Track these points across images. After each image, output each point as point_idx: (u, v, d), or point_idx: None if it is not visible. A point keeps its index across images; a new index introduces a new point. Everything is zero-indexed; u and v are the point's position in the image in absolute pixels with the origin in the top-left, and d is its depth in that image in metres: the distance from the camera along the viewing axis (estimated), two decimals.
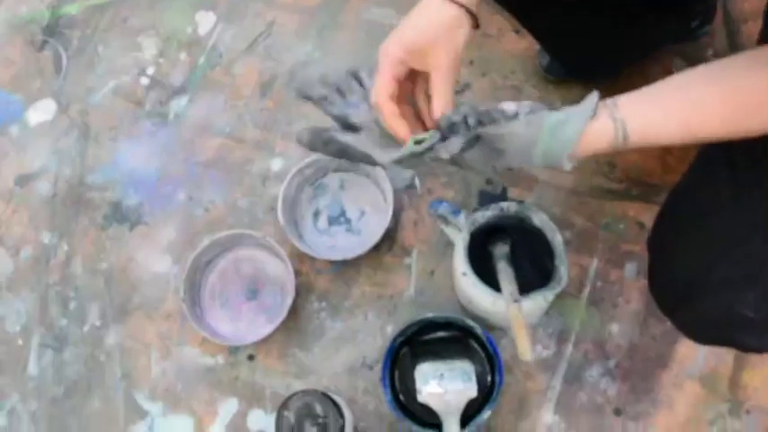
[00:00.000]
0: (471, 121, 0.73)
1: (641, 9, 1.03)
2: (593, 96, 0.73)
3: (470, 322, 1.07)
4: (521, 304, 0.96)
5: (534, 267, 1.04)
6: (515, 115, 0.73)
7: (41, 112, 1.34)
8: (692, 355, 1.10)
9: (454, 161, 0.76)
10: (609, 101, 0.73)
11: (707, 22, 1.20)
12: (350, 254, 1.15)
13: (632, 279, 1.14)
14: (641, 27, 1.07)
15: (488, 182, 1.17)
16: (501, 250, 1.05)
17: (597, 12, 0.99)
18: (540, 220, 1.00)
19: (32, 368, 1.19)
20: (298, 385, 1.12)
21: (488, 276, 1.01)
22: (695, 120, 0.73)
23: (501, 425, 1.09)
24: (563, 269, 0.98)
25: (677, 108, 0.73)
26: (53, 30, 1.39)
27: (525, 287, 0.99)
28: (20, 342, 1.20)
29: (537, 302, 0.97)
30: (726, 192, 0.83)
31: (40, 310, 1.21)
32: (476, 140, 0.73)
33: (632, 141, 0.72)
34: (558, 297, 1.11)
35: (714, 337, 0.91)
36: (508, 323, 1.04)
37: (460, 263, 1.00)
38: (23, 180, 1.29)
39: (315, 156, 1.18)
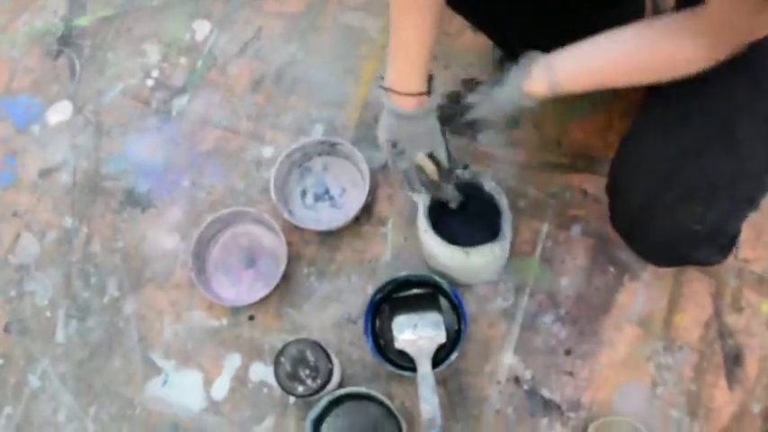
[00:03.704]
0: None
1: (579, 8, 1.21)
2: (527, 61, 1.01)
3: (439, 279, 1.24)
4: (471, 255, 1.15)
5: (487, 228, 1.20)
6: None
7: (59, 112, 1.50)
8: (630, 302, 1.27)
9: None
10: (547, 58, 0.99)
11: (640, 9, 1.36)
12: (333, 225, 1.32)
13: (578, 239, 1.31)
14: (578, 24, 1.24)
15: (452, 160, 1.35)
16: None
17: (539, 9, 1.17)
18: (489, 186, 1.18)
19: (60, 335, 1.35)
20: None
21: (447, 235, 1.18)
22: (611, 74, 0.96)
23: (468, 367, 1.26)
24: (507, 227, 1.16)
25: (597, 64, 0.97)
26: (67, 40, 1.56)
27: (478, 243, 1.17)
28: (48, 314, 1.37)
29: (485, 254, 1.15)
30: (671, 113, 0.97)
31: (64, 285, 1.38)
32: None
33: (562, 88, 0.98)
34: (515, 256, 1.29)
35: (670, 256, 1.08)
36: (466, 275, 1.23)
37: (422, 222, 1.18)
38: (46, 173, 1.46)
39: (300, 143, 1.35)
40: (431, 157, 1.09)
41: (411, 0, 0.97)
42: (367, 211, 1.35)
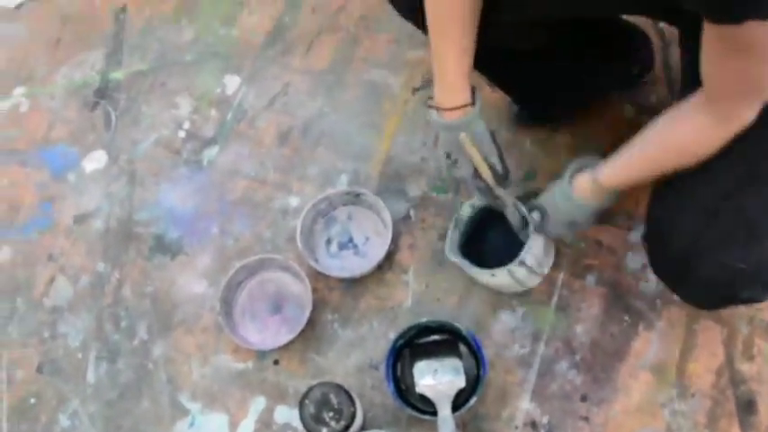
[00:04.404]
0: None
1: (588, 60, 1.29)
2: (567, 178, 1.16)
3: (458, 325, 1.29)
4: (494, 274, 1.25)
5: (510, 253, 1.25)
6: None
7: (95, 161, 1.57)
8: (645, 350, 1.30)
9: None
10: (592, 175, 1.11)
11: (646, 70, 1.43)
12: (357, 273, 1.37)
13: (592, 288, 1.35)
14: (589, 75, 1.32)
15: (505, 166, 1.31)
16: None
17: (550, 64, 1.25)
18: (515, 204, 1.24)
19: (90, 376, 1.40)
20: None
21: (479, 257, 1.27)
22: (650, 170, 1.07)
23: (487, 412, 1.29)
24: (523, 253, 1.22)
25: (636, 166, 1.08)
26: (103, 93, 1.64)
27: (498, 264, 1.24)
28: (79, 355, 1.42)
29: (504, 274, 1.24)
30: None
31: (96, 327, 1.43)
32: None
33: (613, 192, 1.11)
34: (532, 304, 1.34)
35: (716, 297, 1.11)
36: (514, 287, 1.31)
37: (449, 251, 1.26)
38: (81, 219, 1.53)
39: (326, 193, 1.42)
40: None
41: (449, 23, 1.06)
42: (389, 259, 1.41)
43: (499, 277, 1.25)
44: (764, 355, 1.29)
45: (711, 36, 0.83)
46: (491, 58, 1.19)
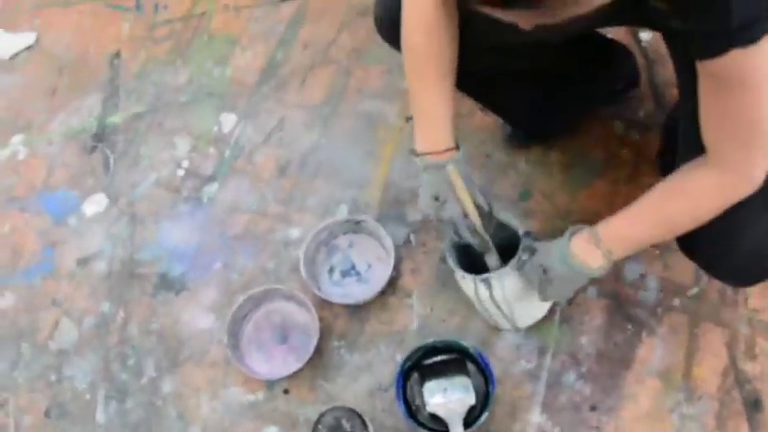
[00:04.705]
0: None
1: (573, 78, 1.33)
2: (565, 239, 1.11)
3: (465, 343, 1.30)
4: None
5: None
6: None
7: (95, 204, 1.59)
8: (649, 356, 1.32)
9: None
10: (592, 230, 1.09)
11: (631, 85, 1.48)
12: (361, 299, 1.39)
13: (594, 300, 1.37)
14: (572, 90, 1.36)
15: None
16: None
17: (536, 85, 1.29)
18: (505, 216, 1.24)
19: (100, 417, 1.39)
20: None
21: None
22: (656, 234, 1.08)
23: (498, 428, 1.30)
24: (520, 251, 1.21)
25: (638, 230, 1.07)
26: (101, 136, 1.66)
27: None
28: (87, 397, 1.42)
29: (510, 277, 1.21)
30: None
31: (103, 368, 1.43)
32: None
33: (614, 253, 1.08)
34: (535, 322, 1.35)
35: (758, 272, 1.12)
36: (484, 311, 1.29)
37: (456, 270, 1.25)
38: (83, 262, 1.54)
39: (326, 222, 1.44)
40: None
41: (431, 71, 1.09)
42: (392, 284, 1.42)
43: (466, 283, 1.25)
44: (767, 353, 1.31)
45: (704, 78, 0.86)
46: (478, 83, 1.24)
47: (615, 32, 1.49)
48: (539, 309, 1.30)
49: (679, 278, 1.38)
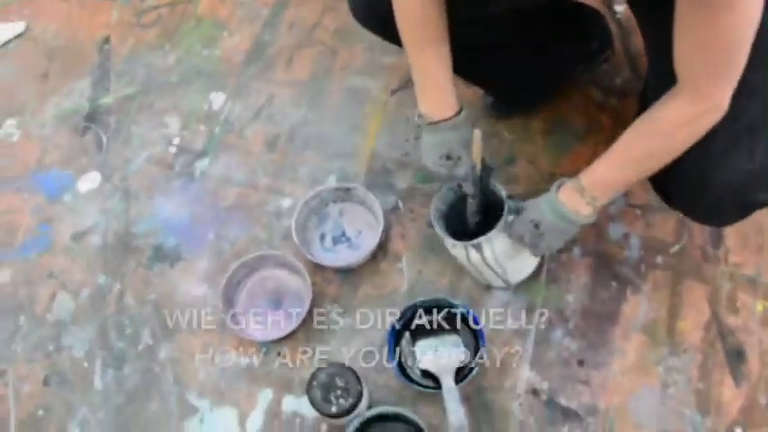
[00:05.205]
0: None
1: (545, 40, 1.37)
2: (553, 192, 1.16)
3: (454, 301, 1.34)
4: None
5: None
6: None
7: (89, 182, 1.62)
8: (635, 312, 1.36)
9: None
10: (576, 180, 1.13)
11: (604, 46, 1.52)
12: (353, 262, 1.42)
13: (579, 260, 1.41)
14: (549, 55, 1.40)
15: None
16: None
17: (511, 54, 1.33)
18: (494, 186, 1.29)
19: (98, 384, 1.41)
20: None
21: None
22: (635, 170, 1.10)
23: (489, 385, 1.33)
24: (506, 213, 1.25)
25: (619, 168, 1.10)
26: (93, 117, 1.69)
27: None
28: (85, 365, 1.44)
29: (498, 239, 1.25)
30: None
31: (100, 337, 1.45)
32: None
33: (602, 200, 1.12)
34: (523, 280, 1.38)
35: (735, 206, 1.12)
36: (476, 272, 1.33)
37: (445, 238, 1.29)
38: (78, 236, 1.56)
39: (317, 190, 1.47)
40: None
41: (429, 38, 1.14)
42: (383, 249, 1.46)
43: (457, 250, 1.29)
44: (748, 307, 1.35)
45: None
46: (458, 59, 1.28)
47: (594, 4, 1.54)
48: (529, 265, 1.34)
49: (661, 236, 1.42)
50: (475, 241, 1.25)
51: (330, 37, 1.71)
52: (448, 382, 1.28)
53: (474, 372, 1.28)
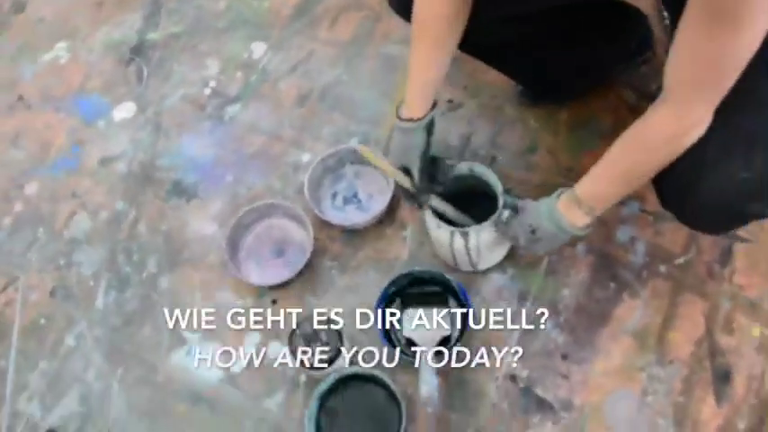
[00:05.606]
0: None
1: (584, 42, 1.36)
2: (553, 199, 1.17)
3: (449, 277, 1.35)
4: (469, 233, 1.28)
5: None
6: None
7: (124, 111, 1.68)
8: (628, 316, 1.34)
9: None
10: (572, 191, 1.14)
11: (645, 46, 1.50)
12: (359, 222, 1.44)
13: (582, 256, 1.40)
14: (587, 50, 1.38)
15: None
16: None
17: (546, 50, 1.32)
18: (481, 171, 1.31)
19: (99, 303, 1.48)
20: None
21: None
22: (626, 180, 1.11)
23: (470, 364, 1.33)
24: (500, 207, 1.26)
25: (610, 181, 1.12)
26: (139, 50, 1.75)
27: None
28: (91, 283, 1.50)
29: (486, 230, 1.27)
30: None
31: (109, 259, 1.52)
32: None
33: (599, 210, 1.14)
34: (521, 267, 1.39)
35: (726, 216, 1.11)
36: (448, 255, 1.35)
37: (429, 217, 1.31)
38: (106, 161, 1.63)
39: (335, 149, 1.50)
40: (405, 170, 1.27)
41: (427, 39, 1.17)
42: (390, 215, 1.47)
43: (441, 232, 1.30)
44: (744, 330, 1.32)
45: (694, 7, 0.86)
46: (488, 50, 1.28)
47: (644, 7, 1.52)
48: (501, 255, 1.38)
49: (668, 246, 1.40)
50: (464, 229, 1.28)
51: (378, 2, 1.73)
52: (427, 353, 1.29)
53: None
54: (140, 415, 1.37)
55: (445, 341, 1.33)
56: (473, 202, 1.35)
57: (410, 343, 1.34)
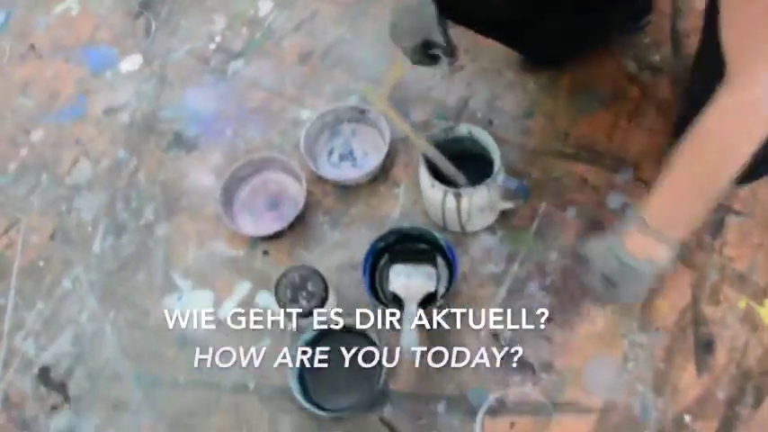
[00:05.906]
0: None
1: (589, 5, 1.35)
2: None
3: (437, 234, 1.36)
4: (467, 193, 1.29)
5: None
6: None
7: (130, 63, 1.70)
8: None
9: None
10: (638, 221, 1.03)
11: (647, 8, 1.49)
12: (352, 178, 1.46)
13: (572, 220, 1.40)
14: (590, 19, 1.38)
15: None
16: None
17: (545, 18, 1.31)
18: (478, 134, 1.32)
19: (96, 248, 1.51)
20: None
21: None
22: (699, 193, 0.99)
23: (453, 321, 1.35)
24: (496, 172, 1.28)
25: (683, 201, 1.01)
26: (148, 4, 1.78)
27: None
28: (89, 228, 1.53)
29: (479, 193, 1.29)
30: None
31: (108, 205, 1.54)
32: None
33: (676, 237, 1.03)
34: (511, 228, 1.40)
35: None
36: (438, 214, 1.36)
37: (423, 173, 1.32)
38: (110, 111, 1.65)
39: (333, 106, 1.51)
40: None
41: None
42: (384, 173, 1.49)
43: (434, 191, 1.32)
44: (730, 301, 1.32)
45: None
46: (487, 23, 1.28)
47: None
48: (490, 219, 1.38)
49: None
50: (458, 190, 1.29)
51: None
52: (410, 307, 1.31)
53: (439, 303, 1.31)
54: (131, 357, 1.40)
55: (431, 298, 1.34)
56: (469, 165, 1.36)
57: (396, 299, 1.35)
